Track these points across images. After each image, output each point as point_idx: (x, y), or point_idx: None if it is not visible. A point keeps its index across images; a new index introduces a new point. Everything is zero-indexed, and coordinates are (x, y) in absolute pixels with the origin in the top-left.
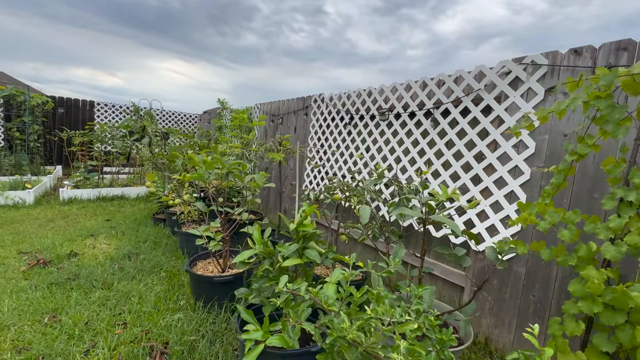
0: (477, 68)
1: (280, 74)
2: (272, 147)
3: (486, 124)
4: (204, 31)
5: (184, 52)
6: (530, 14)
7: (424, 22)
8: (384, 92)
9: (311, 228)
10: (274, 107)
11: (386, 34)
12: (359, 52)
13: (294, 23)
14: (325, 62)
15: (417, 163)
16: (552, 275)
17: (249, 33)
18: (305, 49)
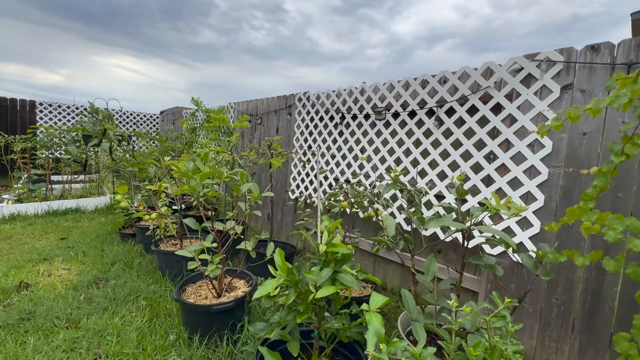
0: (484, 65)
1: (241, 72)
2: (264, 150)
3: (497, 123)
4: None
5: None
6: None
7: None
8: (379, 90)
9: (344, 249)
10: (251, 107)
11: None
12: (320, 50)
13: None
14: (287, 60)
15: (421, 164)
16: (575, 277)
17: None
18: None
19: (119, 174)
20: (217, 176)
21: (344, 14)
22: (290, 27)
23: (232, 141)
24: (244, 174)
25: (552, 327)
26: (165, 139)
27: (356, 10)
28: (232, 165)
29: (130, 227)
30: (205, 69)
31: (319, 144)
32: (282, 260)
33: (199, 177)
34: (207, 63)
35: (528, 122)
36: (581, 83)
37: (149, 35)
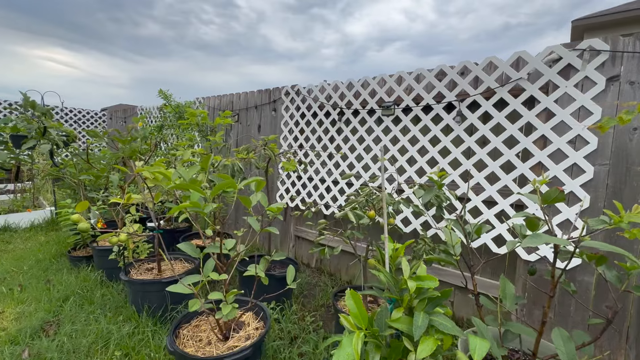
0: (514, 55)
1: (192, 68)
2: (262, 151)
3: (530, 118)
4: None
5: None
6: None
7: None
8: (385, 83)
9: (435, 282)
10: (225, 102)
11: (300, 31)
12: (275, 48)
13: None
14: (242, 57)
15: (440, 163)
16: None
17: (151, 21)
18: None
19: (62, 182)
20: (234, 189)
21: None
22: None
23: (216, 141)
24: (262, 182)
25: (603, 337)
26: (130, 141)
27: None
28: (231, 171)
29: (83, 248)
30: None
31: (312, 143)
32: (358, 305)
33: (212, 191)
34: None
35: (568, 117)
36: (630, 74)
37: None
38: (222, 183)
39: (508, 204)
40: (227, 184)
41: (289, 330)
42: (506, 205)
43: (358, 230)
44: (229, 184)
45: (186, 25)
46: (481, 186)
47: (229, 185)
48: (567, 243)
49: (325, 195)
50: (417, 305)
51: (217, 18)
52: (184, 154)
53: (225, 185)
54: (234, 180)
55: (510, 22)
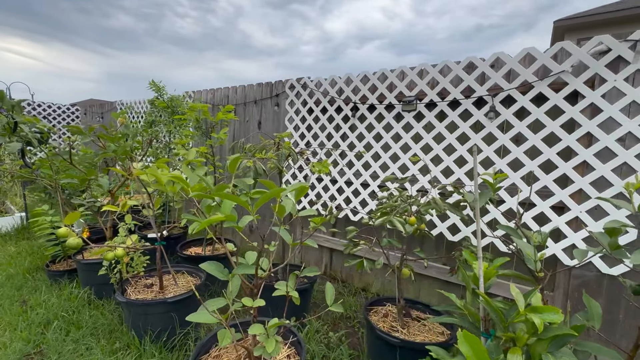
0: (556, 46)
1: (167, 63)
2: (289, 152)
3: (574, 114)
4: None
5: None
6: (401, 21)
7: (315, 20)
8: (406, 76)
9: (559, 315)
10: (219, 96)
11: (280, 28)
12: (254, 44)
13: (178, 7)
14: (219, 52)
15: (469, 163)
16: None
17: (122, 13)
18: (194, 36)
19: (35, 185)
20: (277, 195)
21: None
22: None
23: (221, 138)
24: (304, 187)
25: None
26: (121, 138)
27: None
28: (254, 173)
29: (64, 261)
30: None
31: (321, 141)
32: (476, 350)
33: (257, 202)
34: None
35: (617, 113)
36: None
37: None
38: (270, 192)
39: (548, 206)
40: (274, 192)
41: (314, 350)
42: (546, 207)
43: (392, 237)
44: (275, 193)
45: (160, 18)
46: (517, 187)
47: (275, 194)
48: None
49: (337, 196)
50: (537, 345)
51: (193, 11)
52: (189, 153)
53: (273, 194)
54: (282, 188)
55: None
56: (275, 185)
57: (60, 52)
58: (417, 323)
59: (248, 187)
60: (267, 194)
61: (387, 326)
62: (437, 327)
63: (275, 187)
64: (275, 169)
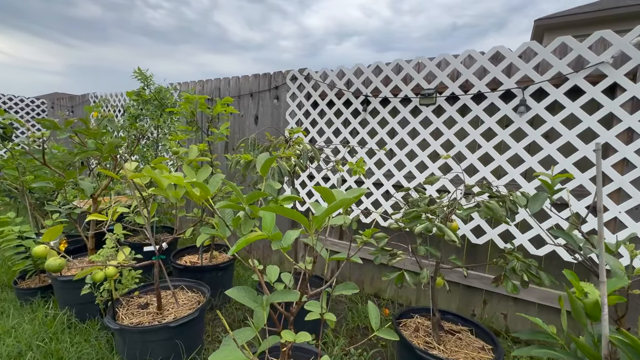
0: (595, 35)
1: (138, 56)
2: (313, 151)
3: (613, 108)
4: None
5: None
6: (379, 19)
7: (293, 15)
8: (424, 67)
9: None
10: (209, 89)
11: (257, 22)
12: (231, 38)
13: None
14: (194, 46)
15: (496, 160)
16: None
17: (87, 1)
18: (167, 28)
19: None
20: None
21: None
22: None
23: (222, 134)
24: (361, 192)
25: None
26: (103, 134)
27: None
28: (279, 174)
29: (36, 276)
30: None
31: (328, 137)
32: None
33: (322, 214)
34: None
35: None
36: None
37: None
38: (338, 202)
39: (583, 206)
40: (347, 201)
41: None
42: (581, 208)
43: (426, 243)
44: (347, 202)
45: (130, 9)
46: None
47: (346, 204)
48: None
49: None
50: None
51: (166, 2)
52: (190, 151)
53: (345, 203)
54: (351, 198)
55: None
56: (347, 196)
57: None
58: (451, 337)
59: (276, 192)
60: (334, 205)
61: (422, 342)
62: (475, 342)
63: (349, 198)
64: (290, 166)
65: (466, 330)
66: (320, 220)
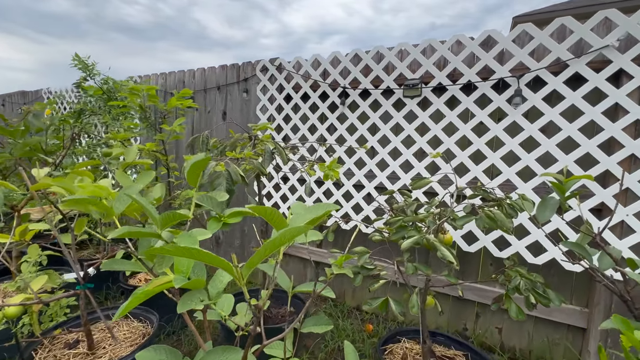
0: (599, 14)
1: (112, 53)
2: (277, 148)
3: (618, 98)
4: None
5: None
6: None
7: (274, 12)
8: (407, 55)
9: None
10: (172, 82)
11: (237, 19)
12: (211, 35)
13: None
14: (172, 43)
15: (489, 158)
16: None
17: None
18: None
19: None
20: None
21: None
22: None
23: (175, 131)
24: (326, 211)
25: None
26: (25, 132)
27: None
28: (228, 182)
29: None
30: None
31: (303, 134)
32: None
33: (276, 239)
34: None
35: None
36: None
37: None
38: (299, 228)
39: (587, 209)
40: (288, 235)
41: None
42: (585, 210)
43: (414, 256)
44: (292, 235)
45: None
46: (546, 185)
47: (290, 237)
48: None
49: (324, 200)
50: None
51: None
52: (128, 153)
53: (286, 239)
54: (302, 227)
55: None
56: (283, 219)
57: None
58: None
59: (220, 206)
60: (291, 230)
61: None
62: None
63: (284, 221)
64: (255, 171)
65: (461, 356)
66: (252, 266)
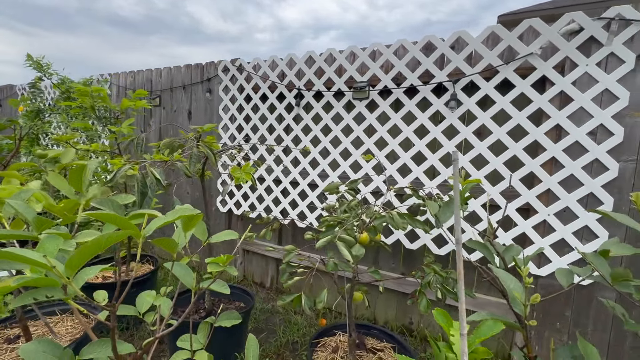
0: (524, 23)
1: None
2: (204, 150)
3: (542, 103)
4: None
5: None
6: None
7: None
8: (356, 58)
9: None
10: (140, 80)
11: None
12: (204, 29)
13: None
14: (164, 37)
15: (429, 159)
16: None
17: None
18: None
19: None
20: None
21: None
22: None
23: (123, 132)
24: (194, 217)
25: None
26: None
27: None
28: (141, 184)
29: None
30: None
31: (262, 134)
32: None
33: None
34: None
35: (588, 103)
36: None
37: None
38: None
39: (514, 209)
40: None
41: None
42: (511, 210)
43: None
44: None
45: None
46: (480, 187)
47: (118, 238)
48: None
49: (282, 199)
50: None
51: None
52: (65, 155)
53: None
54: (131, 224)
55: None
56: (130, 224)
57: None
58: (372, 356)
59: (122, 209)
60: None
61: None
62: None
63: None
64: (198, 171)
65: (389, 348)
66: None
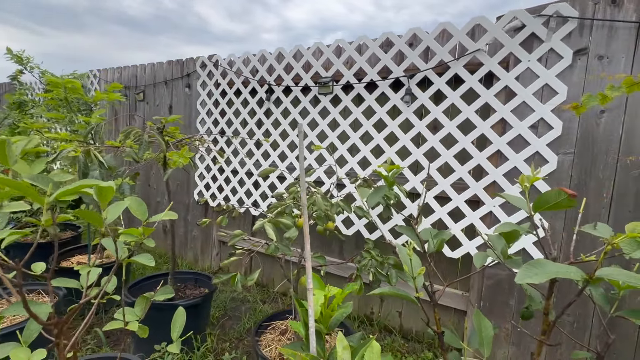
0: (473, 20)
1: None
2: (152, 137)
3: (489, 98)
4: None
5: None
6: (361, 14)
7: (275, 7)
8: (322, 54)
9: None
10: (126, 76)
11: (239, 13)
12: (212, 29)
13: None
14: (172, 36)
15: (387, 152)
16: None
17: None
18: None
19: None
20: (33, 196)
21: None
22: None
23: (91, 122)
24: (109, 189)
25: (563, 348)
26: None
27: None
28: (83, 165)
29: None
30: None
31: (236, 128)
32: None
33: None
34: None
35: (530, 97)
36: (598, 47)
37: None
38: None
39: (463, 200)
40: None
41: None
42: (461, 202)
43: (282, 241)
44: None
45: None
46: (433, 179)
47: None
48: (580, 276)
49: (254, 192)
50: None
51: None
52: (29, 140)
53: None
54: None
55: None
56: (26, 184)
57: None
58: None
59: (57, 186)
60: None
61: (279, 348)
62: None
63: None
64: (159, 158)
65: (336, 331)
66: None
